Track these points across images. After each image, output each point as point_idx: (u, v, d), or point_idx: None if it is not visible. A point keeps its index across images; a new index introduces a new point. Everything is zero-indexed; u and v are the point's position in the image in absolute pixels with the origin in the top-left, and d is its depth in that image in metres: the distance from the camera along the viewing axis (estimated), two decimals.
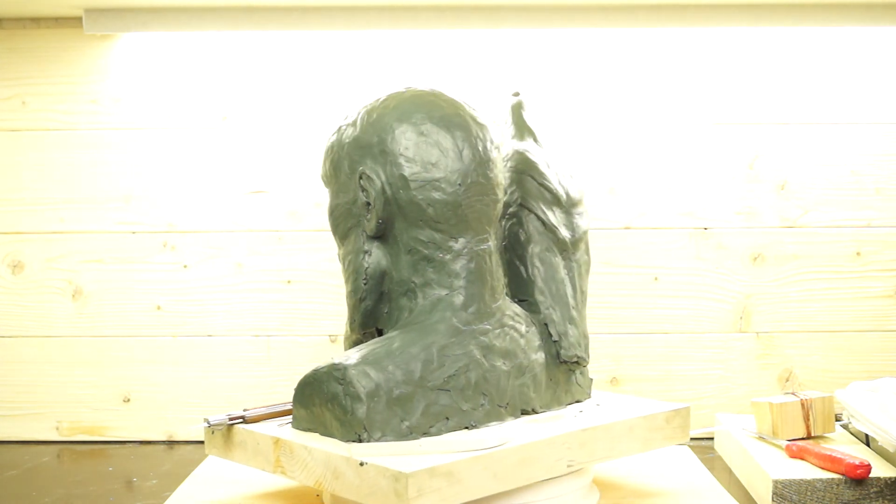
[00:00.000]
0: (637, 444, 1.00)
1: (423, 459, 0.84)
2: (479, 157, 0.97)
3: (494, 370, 0.97)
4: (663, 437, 1.02)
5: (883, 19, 1.26)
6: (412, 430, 0.91)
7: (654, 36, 1.30)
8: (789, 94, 1.31)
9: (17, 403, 1.33)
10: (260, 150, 1.31)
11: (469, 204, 0.97)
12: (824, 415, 1.13)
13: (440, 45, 1.30)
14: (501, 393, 0.97)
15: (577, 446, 0.94)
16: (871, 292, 1.32)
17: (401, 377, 0.91)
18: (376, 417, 0.89)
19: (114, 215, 1.32)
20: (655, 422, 1.02)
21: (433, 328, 0.95)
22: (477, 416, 0.95)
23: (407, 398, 0.91)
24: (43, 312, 1.33)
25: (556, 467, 0.92)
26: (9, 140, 1.32)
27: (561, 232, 1.06)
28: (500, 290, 1.01)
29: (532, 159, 1.07)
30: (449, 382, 0.93)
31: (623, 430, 0.99)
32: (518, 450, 0.89)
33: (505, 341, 0.98)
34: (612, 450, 0.98)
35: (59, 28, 1.30)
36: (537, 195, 1.06)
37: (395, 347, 0.93)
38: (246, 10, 1.26)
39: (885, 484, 1.00)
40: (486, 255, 0.99)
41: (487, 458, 0.86)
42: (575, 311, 1.06)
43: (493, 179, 0.99)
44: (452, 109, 0.99)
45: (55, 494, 1.09)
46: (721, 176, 1.32)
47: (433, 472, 0.82)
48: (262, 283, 1.32)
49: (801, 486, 1.00)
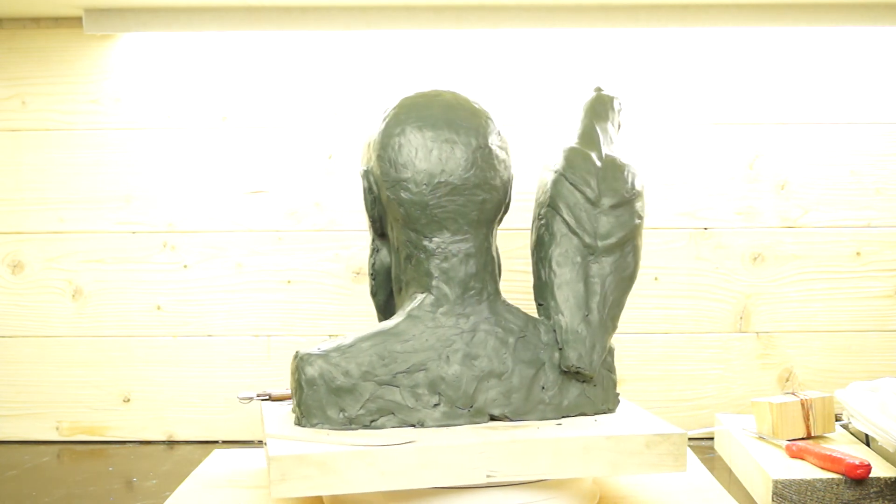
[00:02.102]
0: (599, 465, 0.91)
1: (305, 447, 0.87)
2: (452, 157, 0.98)
3: (457, 372, 0.96)
4: (640, 463, 0.91)
5: (883, 19, 1.26)
6: (351, 421, 0.94)
7: (654, 36, 1.30)
8: (789, 94, 1.31)
9: (17, 403, 1.33)
10: (260, 150, 1.31)
11: (438, 204, 0.98)
12: (824, 415, 1.13)
13: (440, 45, 1.30)
14: (463, 395, 0.96)
15: (500, 458, 0.89)
16: (871, 292, 1.32)
17: (345, 369, 0.95)
18: (312, 405, 0.94)
19: (114, 215, 1.32)
20: (628, 445, 0.91)
21: (398, 325, 0.98)
22: (427, 414, 0.96)
23: (348, 390, 0.94)
24: (43, 312, 1.33)
25: (472, 475, 0.88)
26: (9, 140, 1.32)
27: (586, 235, 1.02)
28: (489, 291, 1.00)
29: (573, 158, 1.04)
30: (397, 379, 0.95)
31: (575, 448, 0.91)
32: (420, 451, 0.88)
33: (478, 345, 0.98)
34: (559, 467, 0.90)
35: (59, 28, 1.31)
36: (567, 196, 1.03)
37: (352, 340, 0.97)
38: (246, 10, 1.26)
39: (885, 484, 1.00)
40: (464, 255, 0.99)
41: (374, 455, 0.86)
42: (590, 319, 1.01)
43: (470, 179, 0.98)
44: (439, 111, 1.00)
45: (55, 494, 1.09)
46: (721, 176, 1.32)
47: (303, 459, 0.84)
48: (262, 283, 1.32)
49: (801, 486, 1.00)
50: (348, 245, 1.32)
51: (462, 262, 0.99)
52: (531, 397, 0.99)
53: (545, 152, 1.31)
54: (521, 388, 0.98)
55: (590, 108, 1.09)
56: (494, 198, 1.01)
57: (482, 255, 1.01)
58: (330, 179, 1.31)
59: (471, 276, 0.99)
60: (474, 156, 0.99)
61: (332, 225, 1.32)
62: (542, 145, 1.30)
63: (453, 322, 0.98)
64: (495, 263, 1.03)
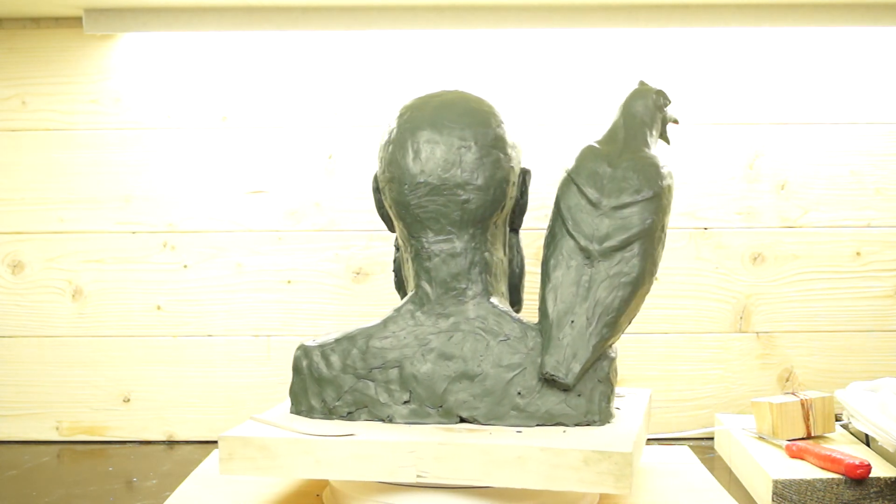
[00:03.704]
0: (533, 477, 0.88)
1: (256, 430, 0.94)
2: (432, 158, 0.98)
3: (431, 371, 0.97)
4: (579, 479, 0.87)
5: (883, 19, 1.26)
6: (331, 412, 0.99)
7: (654, 36, 1.30)
8: (789, 94, 1.31)
9: (17, 403, 1.33)
10: (260, 150, 1.31)
11: (419, 204, 0.99)
12: (824, 415, 1.13)
13: (440, 45, 1.30)
14: (433, 395, 0.97)
15: (430, 459, 0.89)
16: (871, 292, 1.32)
17: (329, 361, 0.99)
18: (298, 392, 1.00)
19: (114, 215, 1.32)
20: (565, 459, 0.87)
21: (384, 321, 1.00)
22: (396, 410, 0.97)
23: (329, 381, 0.99)
24: (43, 312, 1.33)
25: (403, 473, 0.90)
26: (9, 140, 1.32)
27: (582, 237, 0.99)
28: (476, 291, 0.99)
29: (582, 158, 1.02)
30: (373, 374, 0.98)
31: (508, 457, 0.88)
32: (355, 445, 0.90)
33: (454, 345, 0.98)
34: (490, 475, 0.88)
35: (59, 28, 1.31)
36: (570, 197, 1.00)
37: (346, 333, 1.00)
38: (246, 10, 1.26)
39: (885, 484, 1.00)
40: (447, 255, 0.99)
41: (312, 444, 0.91)
42: (575, 325, 0.97)
43: (450, 179, 0.98)
44: (430, 112, 1.00)
45: (55, 494, 1.09)
46: (721, 176, 1.32)
47: (247, 441, 0.92)
48: (262, 283, 1.32)
49: (801, 486, 1.00)
50: (348, 245, 1.32)
51: (444, 262, 1.00)
52: (505, 402, 0.97)
53: (544, 152, 1.31)
54: (494, 391, 0.97)
55: (624, 103, 1.05)
56: (480, 198, 0.99)
57: (469, 255, 1.00)
58: (330, 179, 1.31)
59: (453, 276, 0.99)
60: (456, 156, 0.98)
61: (332, 225, 1.32)
62: (542, 145, 1.30)
63: (432, 321, 0.99)
64: (488, 264, 1.01)
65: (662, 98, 1.05)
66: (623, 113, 1.04)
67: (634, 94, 1.05)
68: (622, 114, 1.04)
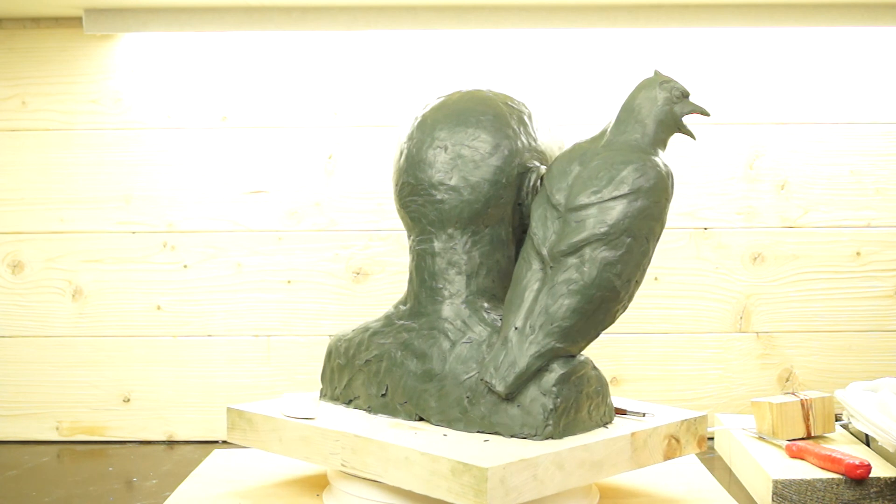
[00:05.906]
0: (415, 481, 0.87)
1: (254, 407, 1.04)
2: (411, 157, 1.00)
3: (403, 368, 0.99)
4: (448, 489, 0.84)
5: (883, 19, 1.26)
6: (338, 398, 1.05)
7: (654, 36, 1.30)
8: (789, 93, 1.31)
9: (17, 403, 1.33)
10: (260, 150, 1.31)
11: (404, 204, 1.01)
12: (824, 415, 1.13)
13: (440, 45, 1.30)
14: (401, 391, 0.98)
15: (349, 451, 0.92)
16: (871, 292, 1.32)
17: (343, 351, 1.05)
18: (323, 377, 1.07)
19: (114, 215, 1.32)
20: (437, 466, 0.85)
21: (384, 316, 1.04)
22: (374, 402, 1.01)
23: (340, 370, 1.05)
24: (43, 312, 1.33)
25: (331, 461, 0.95)
26: (9, 140, 1.32)
27: (537, 239, 0.94)
28: (452, 292, 0.99)
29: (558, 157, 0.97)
30: (364, 366, 1.02)
31: (398, 457, 0.88)
32: (305, 429, 0.97)
33: (426, 344, 0.98)
34: (386, 472, 0.89)
35: (59, 28, 1.31)
36: (538, 198, 0.97)
37: (363, 325, 1.05)
38: (246, 10, 1.26)
39: (885, 484, 1.00)
40: (427, 255, 1.00)
41: (279, 424, 1.00)
42: (519, 331, 0.92)
43: (425, 180, 0.98)
44: (430, 112, 1.01)
45: (55, 494, 1.09)
46: (721, 176, 1.32)
47: (242, 415, 1.03)
48: (262, 283, 1.32)
49: (801, 486, 1.00)
50: (348, 245, 1.32)
51: (424, 262, 1.00)
52: (455, 405, 0.95)
53: None
54: (450, 394, 0.95)
55: (630, 96, 0.97)
56: (455, 199, 0.97)
57: (446, 255, 0.99)
58: (330, 179, 1.31)
59: (431, 275, 1.00)
60: (431, 156, 0.98)
61: (332, 225, 1.32)
62: None
63: (413, 320, 1.01)
64: (470, 265, 0.98)
65: (674, 88, 0.96)
66: (622, 106, 0.98)
67: (638, 86, 0.97)
68: (624, 105, 0.97)
